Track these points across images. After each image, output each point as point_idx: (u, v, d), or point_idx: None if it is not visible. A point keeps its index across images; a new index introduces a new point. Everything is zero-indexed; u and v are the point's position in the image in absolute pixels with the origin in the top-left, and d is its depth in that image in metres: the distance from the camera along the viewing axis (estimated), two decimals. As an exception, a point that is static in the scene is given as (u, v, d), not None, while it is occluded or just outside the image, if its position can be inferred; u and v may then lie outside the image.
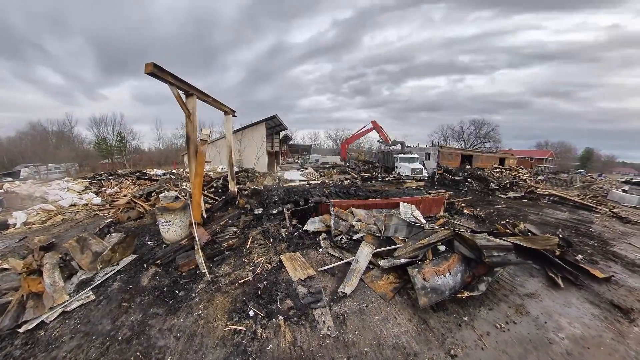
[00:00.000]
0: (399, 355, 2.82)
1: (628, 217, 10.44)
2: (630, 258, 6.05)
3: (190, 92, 5.71)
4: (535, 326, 3.43)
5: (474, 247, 4.40)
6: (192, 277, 4.11)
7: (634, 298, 4.33)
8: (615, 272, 5.15)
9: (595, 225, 8.79)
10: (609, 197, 15.02)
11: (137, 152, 46.14)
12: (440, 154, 24.16)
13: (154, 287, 3.82)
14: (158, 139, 54.54)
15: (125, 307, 3.38)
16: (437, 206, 8.15)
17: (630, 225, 9.55)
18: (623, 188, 19.04)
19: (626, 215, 10.60)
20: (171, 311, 3.33)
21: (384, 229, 5.89)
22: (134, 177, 12.14)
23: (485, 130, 57.86)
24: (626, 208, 12.70)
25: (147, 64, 4.52)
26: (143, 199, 8.81)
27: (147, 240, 5.51)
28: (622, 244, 7.04)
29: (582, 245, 6.60)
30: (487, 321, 3.45)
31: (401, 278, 4.18)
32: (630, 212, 11.63)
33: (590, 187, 19.46)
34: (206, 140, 5.73)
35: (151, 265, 4.40)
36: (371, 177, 18.58)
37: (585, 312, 3.81)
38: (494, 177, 17.25)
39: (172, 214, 5.08)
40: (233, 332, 3.00)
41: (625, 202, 14.06)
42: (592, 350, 3.09)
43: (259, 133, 21.97)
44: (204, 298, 3.62)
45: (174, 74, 5.07)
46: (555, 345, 3.13)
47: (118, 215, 7.20)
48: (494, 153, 33.26)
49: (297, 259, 4.77)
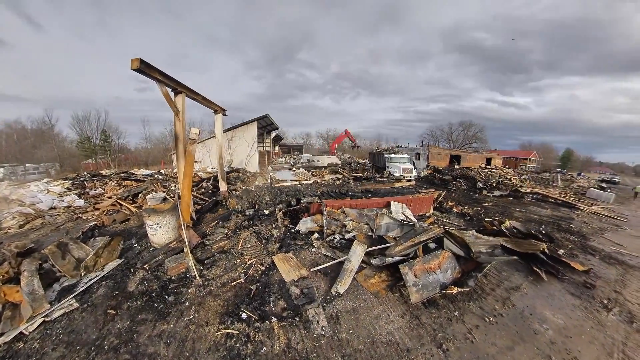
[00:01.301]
0: (392, 351, 2.86)
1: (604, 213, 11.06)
2: (606, 251, 6.40)
3: (178, 90, 5.57)
4: (521, 318, 3.56)
5: (463, 244, 4.53)
6: (182, 281, 4.01)
7: (611, 288, 4.59)
8: (593, 265, 5.43)
9: (575, 222, 9.23)
10: (588, 195, 15.90)
11: (122, 152, 44.31)
12: (430, 154, 24.68)
13: (142, 293, 3.70)
14: (145, 138, 52.76)
15: (111, 315, 3.25)
16: (427, 205, 8.32)
17: (606, 221, 10.11)
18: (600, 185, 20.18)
19: (602, 212, 11.23)
20: (161, 317, 3.24)
21: (376, 228, 5.96)
22: (119, 178, 11.68)
23: (473, 131, 59.85)
24: (603, 204, 13.47)
25: (134, 59, 4.35)
26: (129, 200, 8.51)
27: (133, 244, 5.32)
28: (600, 239, 7.45)
29: (564, 241, 6.91)
30: (476, 315, 3.55)
31: (393, 276, 4.24)
32: (607, 209, 12.34)
33: (570, 186, 20.52)
34: (195, 139, 5.59)
35: (138, 269, 4.26)
36: (362, 176, 18.74)
37: (567, 303, 4.00)
38: (481, 177, 17.79)
39: (160, 216, 4.93)
40: (226, 336, 2.95)
41: (602, 199, 14.94)
42: (574, 339, 3.24)
43: (250, 133, 21.64)
44: (194, 302, 3.53)
45: (162, 71, 4.92)
46: (540, 335, 3.27)
47: (102, 218, 6.92)
48: (481, 153, 34.34)
49: (290, 259, 4.74)
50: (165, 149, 43.21)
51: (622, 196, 18.70)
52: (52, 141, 38.80)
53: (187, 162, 5.45)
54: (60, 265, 4.02)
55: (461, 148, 52.39)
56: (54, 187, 10.12)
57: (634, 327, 3.57)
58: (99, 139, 40.45)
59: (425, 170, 19.67)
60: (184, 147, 5.46)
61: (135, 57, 4.36)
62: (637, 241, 7.62)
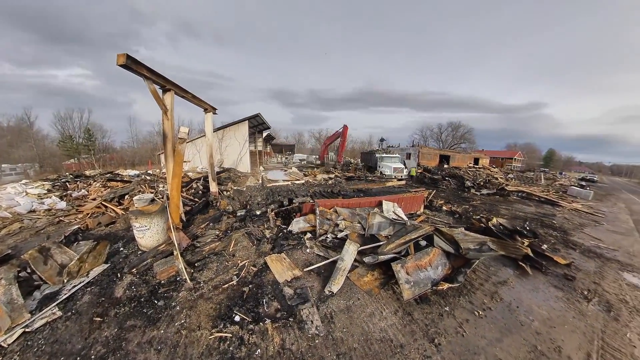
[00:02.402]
0: (386, 348, 2.90)
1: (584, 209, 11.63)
2: (586, 246, 6.73)
3: (167, 88, 5.41)
4: (508, 311, 3.69)
5: (452, 242, 4.64)
6: (172, 285, 3.90)
7: (590, 280, 4.82)
8: (574, 259, 5.69)
9: (557, 218, 9.65)
10: (569, 193, 16.75)
11: (107, 151, 42.52)
12: (420, 153, 25.14)
13: (130, 298, 3.58)
14: (132, 137, 50.88)
15: (98, 322, 3.12)
16: (417, 203, 8.47)
17: (586, 217, 10.62)
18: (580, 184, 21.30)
19: (582, 208, 11.80)
20: (151, 322, 3.14)
21: (368, 227, 6.02)
22: (104, 179, 11.24)
23: (462, 132, 61.47)
24: (582, 201, 14.20)
25: (120, 54, 4.15)
26: (115, 202, 8.21)
27: (120, 248, 5.14)
28: (580, 234, 7.83)
29: (547, 236, 7.21)
30: (466, 309, 3.65)
31: (386, 274, 4.30)
32: (586, 206, 12.96)
33: (552, 184, 21.49)
34: (185, 138, 5.46)
35: (126, 274, 4.12)
36: (354, 176, 18.87)
37: (550, 295, 4.18)
38: (469, 176, 18.28)
39: (148, 218, 4.79)
40: (219, 339, 2.90)
41: (581, 196, 15.78)
42: (557, 329, 3.39)
43: (241, 132, 21.31)
44: (185, 306, 3.45)
45: (150, 67, 4.75)
46: (526, 326, 3.40)
47: (86, 221, 6.65)
48: (469, 153, 35.31)
49: (283, 260, 4.71)
50: (153, 148, 41.88)
51: (600, 193, 19.73)
52: (31, 140, 36.78)
53: (176, 162, 5.31)
54: (41, 271, 3.83)
55: (450, 148, 53.67)
56: (33, 189, 9.63)
57: (611, 316, 3.78)
58: (82, 137, 38.68)
59: (415, 170, 20.05)
60: (173, 146, 5.32)
61: (121, 53, 4.17)
62: (613, 236, 8.05)
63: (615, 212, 12.55)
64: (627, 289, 4.61)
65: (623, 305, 4.05)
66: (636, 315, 3.83)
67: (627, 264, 5.75)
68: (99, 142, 40.89)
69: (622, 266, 5.59)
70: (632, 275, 5.17)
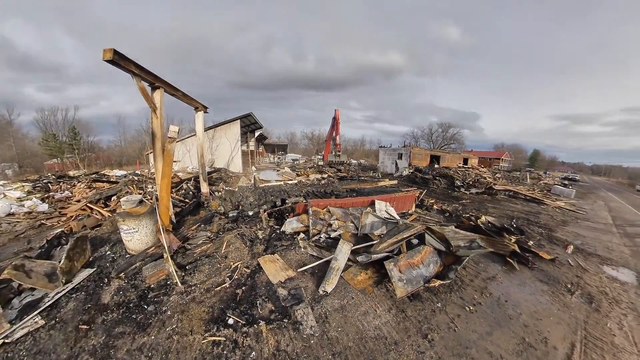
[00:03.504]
0: (381, 345, 2.93)
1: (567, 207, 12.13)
2: (569, 241, 7.03)
3: (156, 85, 5.24)
4: (497, 305, 3.81)
5: (443, 239, 4.73)
6: (162, 289, 3.80)
7: (573, 274, 5.03)
8: (558, 254, 5.92)
9: (542, 215, 10.02)
10: (552, 191, 17.52)
11: (93, 151, 40.85)
12: (412, 154, 25.52)
13: (118, 304, 3.46)
14: (119, 135, 49.05)
15: (84, 330, 3.00)
16: (409, 203, 8.60)
17: (569, 214, 11.07)
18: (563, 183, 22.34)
19: (565, 206, 12.30)
20: (140, 328, 3.05)
21: (361, 227, 6.06)
22: (89, 180, 10.81)
23: (451, 133, 62.98)
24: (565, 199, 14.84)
25: (106, 49, 3.95)
26: (101, 204, 7.92)
27: (107, 251, 4.96)
28: (563, 230, 8.16)
29: (533, 233, 7.48)
30: (458, 305, 3.74)
31: (379, 272, 4.34)
32: (569, 204, 13.51)
33: (537, 183, 22.35)
34: (175, 137, 5.31)
35: (113, 279, 3.98)
36: (347, 176, 18.97)
37: (536, 289, 4.34)
38: (459, 175, 18.71)
39: (136, 220, 4.64)
40: (212, 343, 2.85)
41: (564, 195, 16.56)
42: (544, 321, 3.53)
43: (232, 131, 20.97)
44: (177, 310, 3.37)
45: (138, 64, 4.58)
46: (514, 320, 3.52)
47: (70, 223, 6.38)
48: (459, 154, 36.15)
49: (276, 260, 4.68)
50: (142, 147, 40.61)
51: (582, 192, 20.67)
52: (10, 138, 34.89)
53: (165, 162, 5.18)
54: (32, 283, 3.64)
55: (440, 149, 54.80)
56: (12, 191, 9.15)
57: (592, 307, 3.96)
58: (67, 136, 36.93)
59: (407, 169, 20.41)
60: (162, 145, 5.17)
61: (108, 48, 3.97)
62: (594, 232, 8.44)
63: (595, 209, 13.16)
64: (607, 281, 4.85)
65: (603, 297, 4.26)
66: (615, 306, 4.03)
67: (607, 257, 6.04)
68: (84, 140, 39.25)
69: (602, 260, 5.86)
70: (612, 269, 5.44)
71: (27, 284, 3.63)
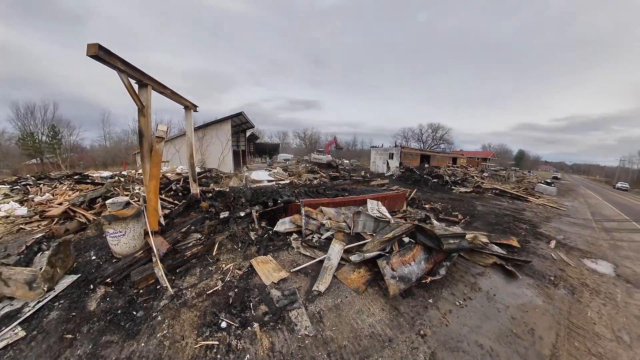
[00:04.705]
0: (375, 343, 2.96)
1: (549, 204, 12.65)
2: (552, 236, 7.33)
3: (143, 82, 5.07)
4: (486, 299, 3.92)
5: (434, 237, 4.83)
6: (151, 294, 3.69)
7: (556, 267, 5.25)
8: (542, 249, 6.17)
9: (526, 212, 10.41)
10: (536, 189, 18.37)
11: (75, 151, 38.76)
12: (402, 154, 25.91)
13: (105, 311, 3.33)
14: (104, 135, 46.89)
15: (68, 340, 2.87)
16: (400, 202, 8.72)
17: (551, 211, 11.54)
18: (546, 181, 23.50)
19: (548, 203, 12.84)
20: (129, 336, 2.95)
21: (353, 226, 6.09)
22: (72, 181, 10.35)
23: (441, 133, 64.51)
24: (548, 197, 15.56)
25: (90, 44, 3.78)
26: (85, 206, 7.60)
27: (92, 256, 4.77)
28: (546, 226, 8.51)
29: (517, 229, 7.75)
30: (449, 300, 3.83)
31: (372, 270, 4.38)
32: (551, 201, 14.09)
33: (522, 181, 23.29)
34: (163, 137, 5.16)
35: (99, 285, 3.83)
36: (339, 176, 19.04)
37: (523, 282, 4.50)
38: (448, 175, 19.16)
39: (122, 223, 4.49)
40: (205, 348, 2.79)
41: (547, 192, 17.43)
42: (530, 313, 3.67)
43: (223, 131, 20.58)
44: (167, 315, 3.28)
45: (125, 60, 4.41)
46: (502, 312, 3.63)
47: (52, 228, 6.08)
48: (448, 153, 37.08)
49: (269, 262, 4.64)
50: (128, 147, 39.01)
51: (563, 190, 21.63)
52: None
53: (153, 163, 5.02)
54: (10, 292, 3.45)
55: (430, 149, 55.99)
56: (-14, 197, 8.66)
57: (574, 298, 4.15)
58: (47, 135, 34.98)
59: (398, 169, 20.78)
60: (150, 145, 5.02)
61: (92, 43, 3.78)
62: (575, 227, 8.84)
63: (576, 206, 13.79)
64: (587, 273, 5.09)
65: (584, 288, 4.47)
66: (595, 297, 4.24)
67: (587, 251, 6.34)
68: (66, 140, 37.25)
69: (583, 253, 6.15)
70: (591, 261, 5.71)
71: (6, 293, 3.45)
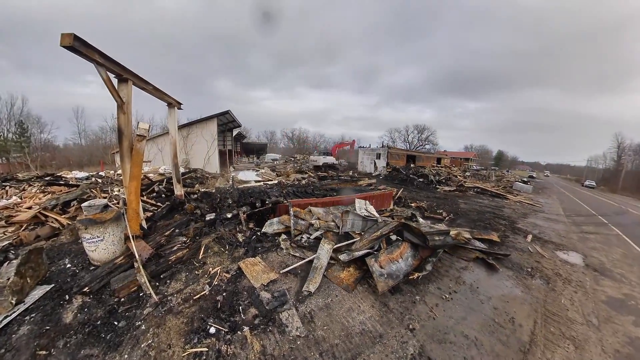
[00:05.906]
0: (366, 339, 3.00)
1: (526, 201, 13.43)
2: (529, 231, 7.77)
3: (124, 77, 4.78)
4: (470, 292, 4.09)
5: (420, 234, 4.97)
6: (134, 302, 3.52)
7: (533, 260, 5.57)
8: (520, 242, 6.52)
9: (505, 209, 10.96)
10: (514, 187, 19.67)
11: (47, 150, 35.78)
12: (389, 154, 26.44)
13: (82, 323, 3.13)
14: (79, 132, 43.42)
15: (42, 356, 2.68)
16: (387, 201, 8.89)
17: (528, 207, 12.24)
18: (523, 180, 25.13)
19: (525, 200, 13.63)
20: (111, 348, 2.79)
21: (342, 225, 6.14)
22: (43, 183, 9.63)
23: (426, 134, 67.00)
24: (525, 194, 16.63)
25: (65, 34, 3.45)
26: (58, 210, 7.10)
27: (66, 264, 4.48)
28: (523, 222, 9.01)
29: (497, 225, 8.14)
30: (435, 295, 3.96)
31: (361, 269, 4.43)
32: (528, 198, 14.97)
33: (501, 180, 24.64)
34: (145, 135, 4.90)
35: (76, 295, 3.60)
36: (328, 175, 19.11)
37: (503, 275, 4.73)
38: (433, 174, 19.80)
39: (100, 228, 4.24)
40: (194, 356, 2.70)
41: (524, 190, 18.79)
42: (510, 302, 3.88)
43: (209, 130, 19.91)
44: (152, 324, 3.15)
45: (103, 52, 4.11)
46: (485, 304, 3.81)
47: (20, 234, 5.63)
48: (433, 154, 38.40)
49: (258, 264, 4.57)
50: (106, 146, 36.74)
51: (538, 188, 23.12)
52: None
53: (134, 163, 4.77)
54: None
55: (416, 149, 57.72)
56: (-58, 203, 7.88)
57: (549, 287, 4.42)
58: (13, 132, 32.21)
59: (385, 169, 21.22)
60: (130, 144, 4.76)
61: (66, 32, 3.44)
62: (549, 222, 9.43)
63: (550, 202, 14.72)
64: (560, 264, 5.44)
65: (558, 278, 4.78)
66: (567, 285, 4.55)
67: (560, 244, 6.77)
68: (36, 138, 34.51)
69: (556, 246, 6.57)
70: (563, 253, 6.12)
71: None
